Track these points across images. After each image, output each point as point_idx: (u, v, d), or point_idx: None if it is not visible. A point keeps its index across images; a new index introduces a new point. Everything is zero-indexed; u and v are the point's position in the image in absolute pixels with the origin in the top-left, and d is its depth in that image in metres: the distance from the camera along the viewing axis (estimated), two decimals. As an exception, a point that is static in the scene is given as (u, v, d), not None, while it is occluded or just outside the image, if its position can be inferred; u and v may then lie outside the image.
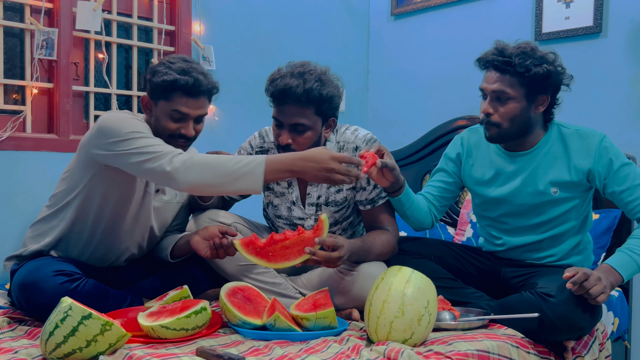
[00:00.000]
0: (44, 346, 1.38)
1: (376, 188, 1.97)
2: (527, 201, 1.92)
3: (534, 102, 1.85)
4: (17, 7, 2.32)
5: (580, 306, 1.63)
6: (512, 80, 1.81)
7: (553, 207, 1.90)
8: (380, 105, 3.42)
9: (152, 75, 1.80)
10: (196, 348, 1.45)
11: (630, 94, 2.48)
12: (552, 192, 1.88)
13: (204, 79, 1.79)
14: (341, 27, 3.34)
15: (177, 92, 1.76)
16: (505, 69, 1.81)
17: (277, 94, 1.85)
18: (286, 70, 1.87)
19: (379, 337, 1.56)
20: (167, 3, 2.70)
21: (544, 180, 1.88)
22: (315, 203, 2.02)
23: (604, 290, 1.60)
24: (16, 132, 2.28)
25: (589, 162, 1.84)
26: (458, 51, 3.04)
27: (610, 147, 1.85)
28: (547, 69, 1.79)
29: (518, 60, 1.78)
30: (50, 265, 1.70)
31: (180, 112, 1.78)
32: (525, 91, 1.82)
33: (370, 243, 1.88)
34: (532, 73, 1.78)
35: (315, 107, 1.84)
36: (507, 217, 1.98)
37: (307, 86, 1.80)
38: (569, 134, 1.90)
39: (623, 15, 2.50)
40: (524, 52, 1.80)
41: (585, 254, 2.01)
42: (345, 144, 1.99)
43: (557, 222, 1.91)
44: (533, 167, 1.90)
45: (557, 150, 1.89)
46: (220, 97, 2.82)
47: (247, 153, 2.09)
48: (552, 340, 1.71)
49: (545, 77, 1.80)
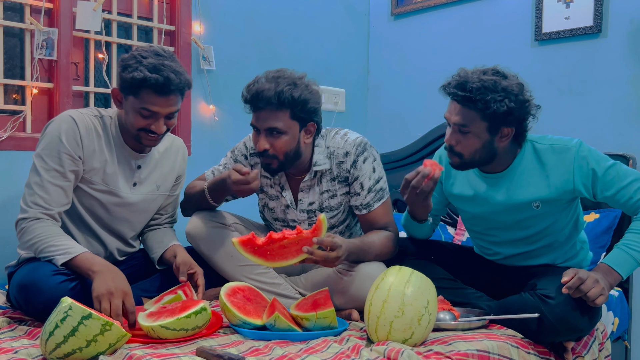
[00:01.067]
0: (44, 346, 1.38)
1: (371, 192, 1.96)
2: (510, 217, 1.88)
3: (497, 135, 1.77)
4: (17, 7, 2.32)
5: (579, 308, 1.62)
6: (473, 114, 1.74)
7: (538, 221, 1.86)
8: (380, 105, 3.42)
9: (122, 69, 1.76)
10: (196, 348, 1.45)
11: (630, 94, 2.48)
12: (533, 207, 1.83)
13: (175, 77, 1.74)
14: (341, 27, 3.34)
15: (146, 89, 1.73)
16: (465, 104, 1.74)
17: (250, 99, 1.87)
18: (259, 78, 1.89)
19: (379, 337, 1.56)
20: (167, 3, 2.70)
21: (523, 198, 1.83)
22: (307, 209, 2.02)
23: (602, 292, 1.59)
24: (16, 132, 2.28)
25: (569, 179, 1.78)
26: (458, 51, 3.04)
27: (588, 155, 1.77)
28: (508, 105, 1.70)
29: (478, 95, 1.70)
30: (49, 265, 1.70)
31: (149, 110, 1.76)
32: (487, 125, 1.75)
33: (369, 243, 1.88)
34: (492, 110, 1.70)
35: (290, 110, 1.84)
36: (493, 230, 1.96)
37: (279, 89, 1.81)
38: (543, 150, 1.82)
39: (623, 15, 2.50)
40: (485, 86, 1.70)
41: (582, 253, 2.01)
42: (335, 149, 1.98)
43: (545, 232, 1.89)
44: (510, 186, 1.85)
45: (533, 168, 1.83)
46: (220, 97, 2.85)
47: (241, 154, 2.10)
48: (552, 342, 1.70)
49: (507, 113, 1.72)
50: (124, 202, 1.92)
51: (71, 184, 1.80)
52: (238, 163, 2.07)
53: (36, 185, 1.76)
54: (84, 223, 1.90)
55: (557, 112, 2.65)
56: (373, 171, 1.97)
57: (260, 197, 2.13)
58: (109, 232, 1.95)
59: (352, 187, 1.98)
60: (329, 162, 1.98)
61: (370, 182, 1.96)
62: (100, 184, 1.86)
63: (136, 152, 1.92)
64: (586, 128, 2.58)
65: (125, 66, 1.75)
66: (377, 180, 1.97)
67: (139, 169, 1.94)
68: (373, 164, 1.97)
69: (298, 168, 1.99)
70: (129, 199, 1.92)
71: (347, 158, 1.95)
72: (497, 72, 1.77)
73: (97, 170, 1.85)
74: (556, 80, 2.69)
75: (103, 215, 1.91)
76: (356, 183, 1.96)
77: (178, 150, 2.06)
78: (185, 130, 2.72)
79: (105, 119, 1.88)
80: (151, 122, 1.78)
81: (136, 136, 1.82)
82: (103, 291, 1.56)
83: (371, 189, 1.96)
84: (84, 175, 1.84)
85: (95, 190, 1.86)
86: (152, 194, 1.99)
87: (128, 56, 1.78)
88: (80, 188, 1.85)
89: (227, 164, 2.10)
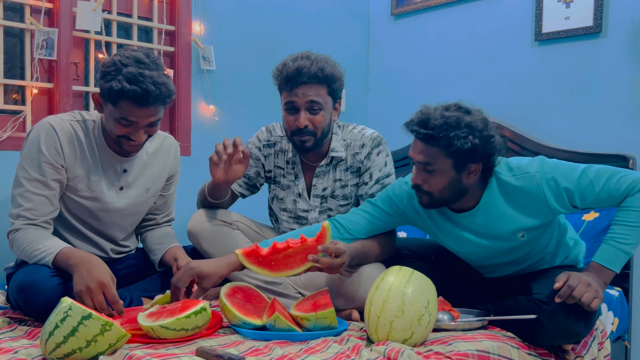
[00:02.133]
0: (44, 346, 1.38)
1: (377, 183, 1.99)
2: (494, 248, 1.82)
3: (464, 171, 1.70)
4: (17, 7, 2.32)
5: (574, 313, 1.60)
6: (437, 152, 1.67)
7: (524, 247, 1.81)
8: (380, 105, 3.42)
9: (102, 75, 1.70)
10: (196, 348, 1.45)
11: (630, 94, 2.48)
12: (519, 237, 1.77)
13: (154, 88, 1.65)
14: (341, 27, 3.34)
15: (124, 100, 1.67)
16: (429, 142, 1.68)
17: (290, 75, 1.92)
18: (292, 57, 1.96)
19: (379, 337, 1.56)
20: (167, 3, 2.70)
21: (503, 231, 1.77)
22: (321, 195, 2.05)
23: (597, 294, 1.56)
24: (16, 132, 2.28)
25: (543, 205, 1.71)
26: (458, 51, 3.04)
27: (554, 175, 1.70)
28: (472, 142, 1.64)
29: (441, 133, 1.64)
30: (47, 267, 1.70)
31: (128, 120, 1.70)
32: (453, 162, 1.68)
33: (369, 246, 1.89)
34: (456, 147, 1.64)
35: (328, 85, 1.94)
36: (478, 260, 1.92)
37: (320, 65, 1.92)
38: (506, 183, 1.75)
39: (623, 15, 2.50)
40: (448, 123, 1.64)
41: (576, 248, 1.95)
42: (352, 142, 2.04)
43: (533, 252, 1.85)
44: (484, 223, 1.79)
45: (503, 204, 1.76)
46: (220, 97, 2.85)
47: (254, 146, 2.14)
48: (550, 345, 1.70)
49: (472, 149, 1.65)
50: (111, 208, 1.89)
51: (56, 192, 1.78)
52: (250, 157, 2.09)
53: (20, 197, 1.74)
54: (74, 228, 1.89)
55: (557, 112, 2.66)
56: (385, 165, 2.03)
57: (270, 189, 2.16)
58: (100, 236, 1.94)
59: (361, 177, 2.03)
60: (345, 152, 2.04)
61: (380, 174, 2.01)
62: (85, 190, 1.83)
63: (121, 156, 1.87)
64: (586, 128, 2.59)
65: (104, 73, 1.69)
66: (386, 175, 2.02)
67: (124, 172, 1.89)
68: (386, 158, 2.04)
69: (317, 153, 2.05)
70: (116, 204, 1.89)
71: (363, 150, 2.02)
72: (460, 107, 1.71)
73: (81, 178, 1.82)
74: (556, 80, 2.69)
75: (91, 221, 1.90)
76: (366, 173, 2.02)
77: (170, 149, 2.01)
78: (185, 130, 2.72)
79: (87, 124, 1.84)
80: (131, 131, 1.73)
81: (117, 142, 1.78)
82: (82, 287, 1.55)
83: (379, 180, 2.00)
84: (69, 183, 1.81)
85: (81, 197, 1.84)
86: (140, 196, 1.95)
87: (109, 62, 1.70)
88: (66, 195, 1.83)
89: None
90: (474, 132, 1.66)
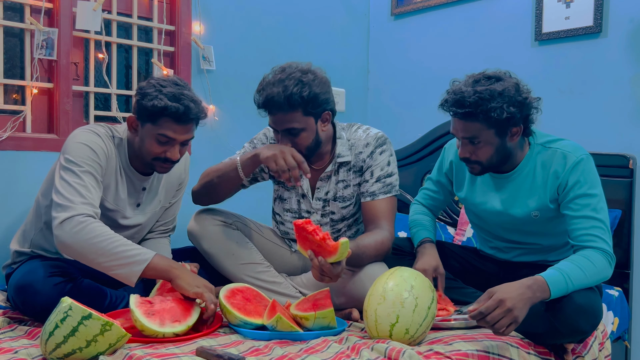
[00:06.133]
0: (44, 346, 1.38)
1: (378, 182, 1.99)
2: (510, 224, 1.90)
3: (507, 136, 1.76)
4: (17, 7, 2.32)
5: (581, 310, 1.60)
6: (478, 126, 1.73)
7: (539, 226, 1.87)
8: (380, 105, 3.42)
9: (142, 97, 1.76)
10: (196, 348, 1.45)
11: (630, 94, 2.48)
12: (532, 216, 1.84)
13: (194, 106, 1.77)
14: (341, 27, 3.34)
15: (166, 117, 1.75)
16: (468, 119, 1.74)
17: (262, 105, 1.90)
18: (268, 79, 1.89)
19: (371, 330, 1.59)
20: (167, 3, 2.70)
21: (523, 206, 1.84)
22: (323, 198, 2.05)
23: (514, 320, 1.50)
24: (16, 132, 2.28)
25: (553, 183, 1.78)
26: (458, 51, 3.04)
27: (584, 170, 1.74)
28: (508, 110, 1.69)
29: (478, 108, 1.69)
30: (45, 267, 1.70)
31: (167, 137, 1.77)
32: (495, 131, 1.74)
33: (363, 247, 1.86)
34: (495, 119, 1.70)
35: (302, 109, 1.86)
36: (497, 228, 1.97)
37: (287, 92, 1.82)
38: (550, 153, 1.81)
39: (623, 15, 2.50)
40: (482, 98, 1.69)
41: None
42: (356, 142, 2.03)
43: (545, 238, 1.90)
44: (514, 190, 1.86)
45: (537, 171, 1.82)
46: (220, 97, 2.85)
47: (261, 143, 2.12)
48: (554, 344, 1.70)
49: (511, 117, 1.71)
50: (127, 224, 1.91)
51: (101, 192, 1.78)
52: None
53: (78, 185, 1.70)
54: None
55: (557, 112, 2.65)
56: (387, 164, 2.01)
57: (275, 189, 2.16)
58: None
59: (363, 175, 2.02)
60: (350, 154, 2.02)
61: (381, 173, 1.99)
62: (111, 203, 1.86)
63: (142, 175, 1.92)
64: (586, 128, 2.59)
65: (144, 94, 1.76)
66: (388, 174, 2.00)
67: (143, 190, 1.94)
68: (389, 158, 2.02)
69: (319, 157, 2.03)
70: (132, 221, 1.93)
71: (366, 149, 2.01)
72: (489, 77, 1.75)
73: (110, 190, 1.84)
74: (556, 80, 2.69)
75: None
76: (368, 171, 2.00)
77: (183, 160, 2.06)
78: (185, 130, 2.72)
79: (116, 140, 1.87)
80: (167, 149, 1.79)
81: (150, 164, 1.83)
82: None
83: (380, 178, 1.98)
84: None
85: (104, 209, 1.84)
86: (153, 211, 2.01)
87: (146, 84, 1.79)
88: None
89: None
90: (509, 100, 1.70)
